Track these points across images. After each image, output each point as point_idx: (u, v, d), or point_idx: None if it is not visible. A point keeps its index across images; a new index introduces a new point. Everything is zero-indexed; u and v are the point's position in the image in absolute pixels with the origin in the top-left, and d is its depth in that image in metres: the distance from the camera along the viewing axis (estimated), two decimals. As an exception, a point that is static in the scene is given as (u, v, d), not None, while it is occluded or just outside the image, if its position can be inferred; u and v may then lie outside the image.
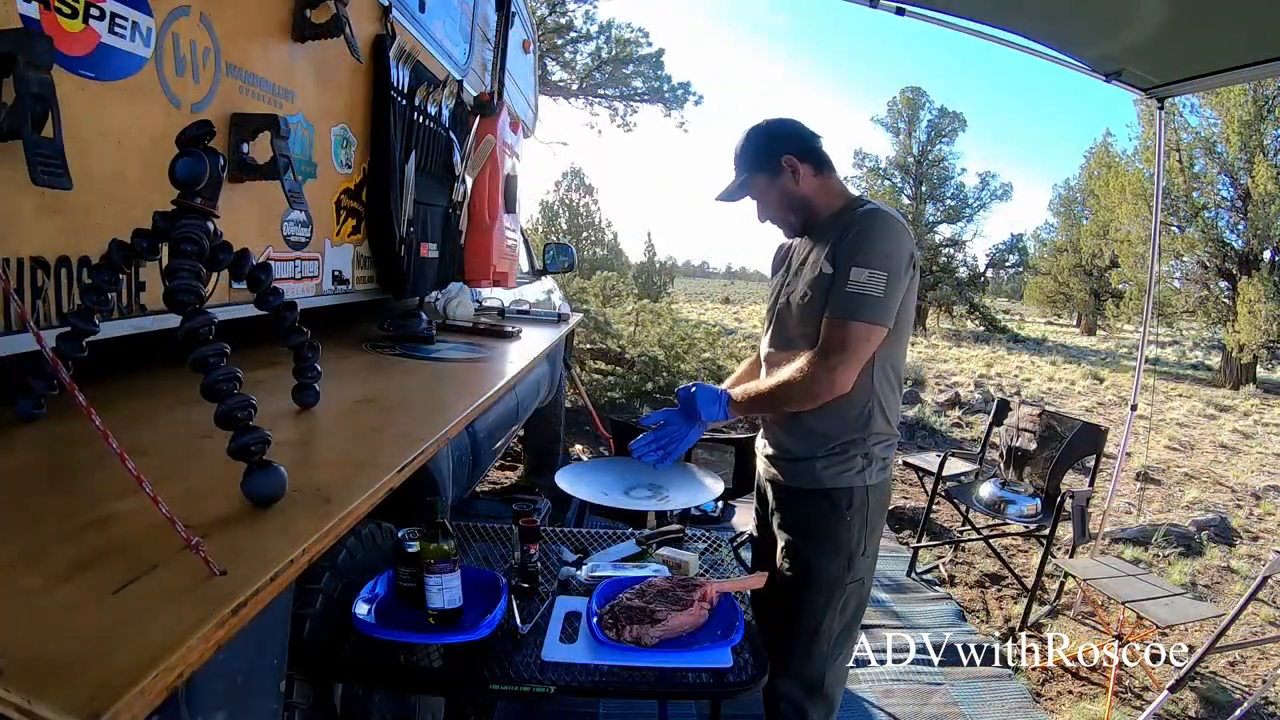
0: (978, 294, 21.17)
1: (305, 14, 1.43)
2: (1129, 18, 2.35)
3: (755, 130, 1.49)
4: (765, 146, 1.46)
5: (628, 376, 6.67)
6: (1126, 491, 4.85)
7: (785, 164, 1.44)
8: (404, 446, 1.00)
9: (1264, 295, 10.77)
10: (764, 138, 1.47)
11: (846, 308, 1.32)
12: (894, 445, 1.49)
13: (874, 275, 1.31)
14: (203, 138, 0.78)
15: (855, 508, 1.43)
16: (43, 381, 0.92)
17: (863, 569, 1.47)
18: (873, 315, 1.32)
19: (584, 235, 18.78)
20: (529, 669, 1.14)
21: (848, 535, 1.44)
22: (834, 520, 1.43)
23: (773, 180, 1.46)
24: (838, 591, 1.44)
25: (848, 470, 1.43)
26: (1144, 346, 3.43)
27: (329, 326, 1.98)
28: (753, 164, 1.47)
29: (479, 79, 2.73)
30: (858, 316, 1.32)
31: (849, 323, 1.33)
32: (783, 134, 1.47)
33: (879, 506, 1.49)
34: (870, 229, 1.34)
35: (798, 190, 1.45)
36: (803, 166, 1.44)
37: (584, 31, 11.84)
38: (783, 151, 1.44)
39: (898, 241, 1.34)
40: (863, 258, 1.32)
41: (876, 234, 1.34)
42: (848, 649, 1.52)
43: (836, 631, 1.47)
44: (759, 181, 1.47)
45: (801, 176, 1.45)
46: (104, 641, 0.51)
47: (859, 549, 1.45)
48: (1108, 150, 18.14)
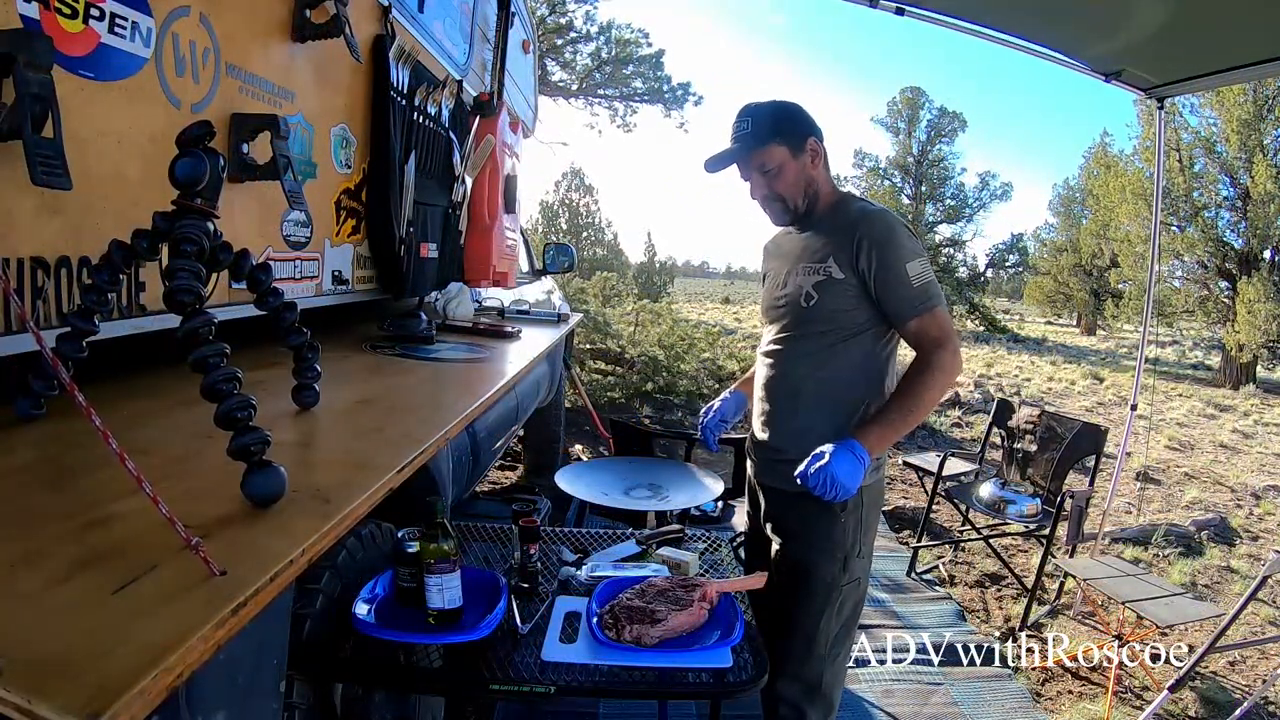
0: (978, 294, 21.20)
1: (305, 14, 1.43)
2: (1129, 18, 2.35)
3: (780, 104, 1.45)
4: (793, 121, 1.43)
5: (628, 376, 6.67)
6: (1126, 491, 4.85)
7: (810, 145, 1.43)
8: (404, 446, 1.00)
9: (1264, 295, 10.77)
10: (791, 113, 1.44)
11: (925, 301, 1.36)
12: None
13: (923, 264, 1.36)
14: (203, 138, 0.78)
15: (850, 508, 1.42)
16: (43, 381, 0.92)
17: (859, 569, 1.47)
18: (941, 299, 1.38)
19: (584, 235, 18.79)
20: (529, 669, 1.14)
21: (842, 536, 1.43)
22: (828, 521, 1.42)
23: (795, 157, 1.43)
24: (834, 593, 1.44)
25: None
26: (1144, 346, 3.43)
27: (329, 327, 1.98)
28: (777, 134, 1.41)
29: (479, 79, 2.73)
30: (940, 302, 1.37)
31: (936, 310, 1.37)
32: (807, 117, 1.46)
33: (874, 506, 1.48)
34: (894, 227, 1.38)
35: (814, 174, 1.45)
36: (823, 152, 1.46)
37: (584, 32, 11.85)
38: (808, 132, 1.43)
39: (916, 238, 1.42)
40: (907, 254, 1.36)
41: (900, 231, 1.38)
42: (846, 649, 1.51)
43: (834, 632, 1.46)
44: (779, 154, 1.42)
45: (819, 162, 1.45)
46: (104, 641, 0.51)
47: (854, 550, 1.44)
48: (1107, 150, 18.16)
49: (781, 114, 1.43)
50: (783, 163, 1.42)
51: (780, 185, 1.44)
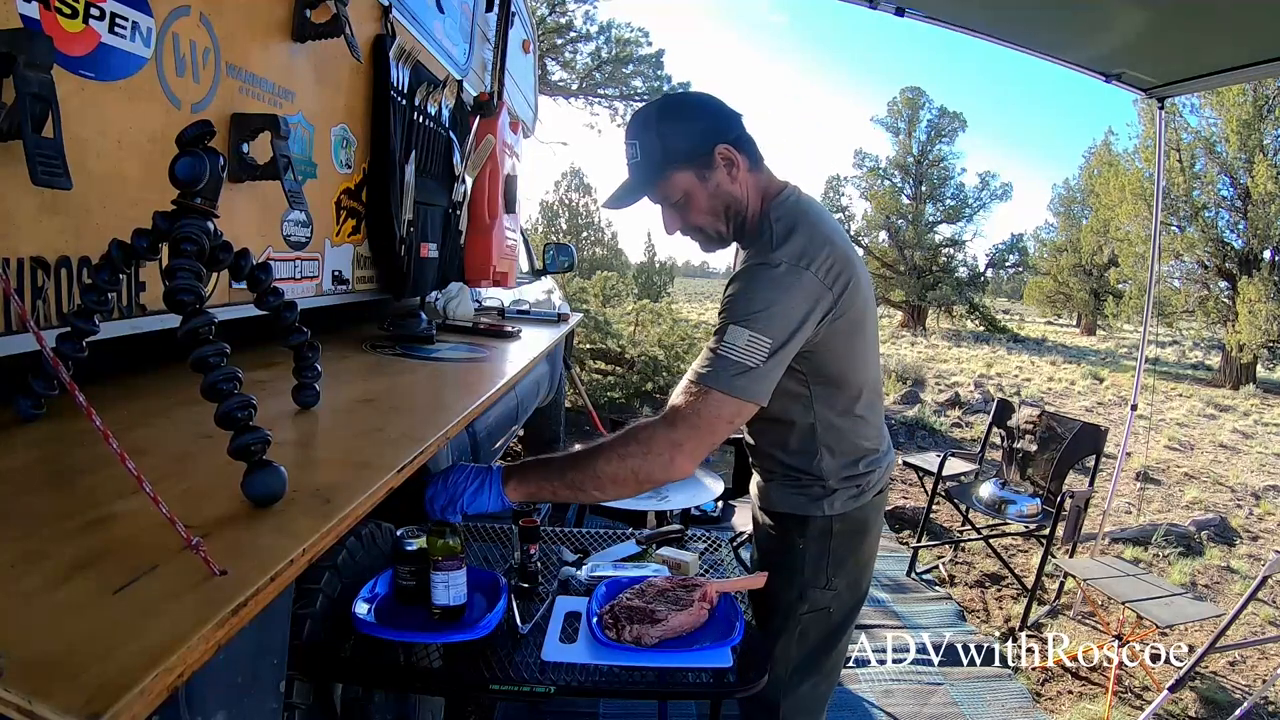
0: (978, 294, 21.19)
1: (305, 14, 1.43)
2: (1129, 19, 2.35)
3: (667, 111, 1.13)
4: (689, 133, 1.11)
5: (628, 376, 6.68)
6: (1126, 491, 4.85)
7: (720, 156, 1.12)
8: (404, 446, 1.00)
9: (1264, 295, 10.77)
10: (684, 123, 1.12)
11: (712, 371, 1.05)
12: (870, 473, 1.30)
13: (754, 340, 1.03)
14: (203, 138, 0.78)
15: (811, 536, 1.28)
16: (43, 381, 0.92)
17: (824, 600, 1.30)
18: (742, 390, 1.04)
19: (584, 235, 18.79)
20: (529, 669, 1.13)
21: (800, 564, 1.30)
22: (784, 546, 1.32)
23: (703, 177, 1.13)
24: (790, 620, 1.32)
25: (802, 497, 1.29)
26: (1144, 346, 3.43)
27: (329, 326, 1.98)
28: (671, 158, 1.11)
29: (479, 79, 2.73)
30: (721, 387, 1.04)
31: (712, 392, 1.04)
32: (716, 116, 1.14)
33: (849, 535, 1.29)
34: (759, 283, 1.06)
35: (733, 189, 1.15)
36: (740, 157, 1.14)
37: (584, 31, 11.85)
38: (715, 140, 1.11)
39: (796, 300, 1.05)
40: (747, 312, 1.05)
41: (766, 289, 1.05)
42: (814, 680, 1.36)
43: (794, 659, 1.34)
44: (682, 180, 1.13)
45: (739, 171, 1.14)
46: (104, 641, 0.51)
47: (816, 580, 1.29)
48: (1108, 150, 18.13)
49: (672, 129, 1.11)
50: (688, 189, 1.14)
51: (693, 216, 1.17)
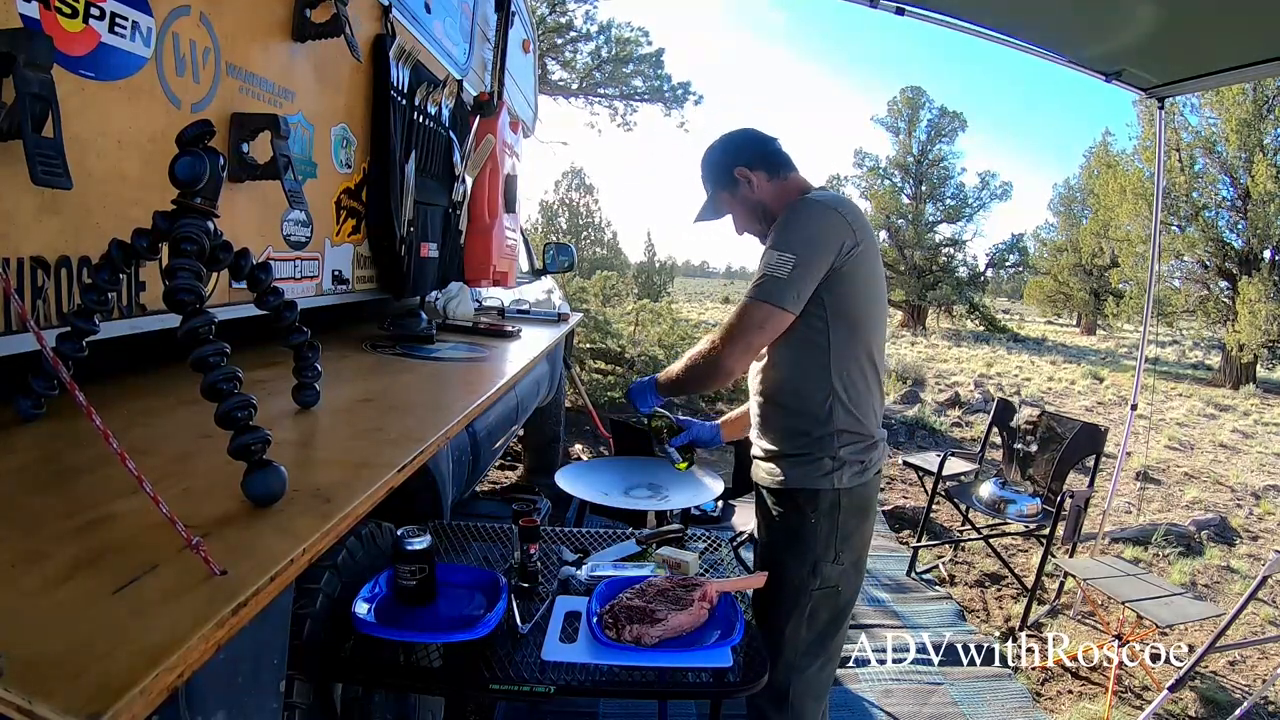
0: (978, 294, 21.19)
1: (305, 14, 1.43)
2: (1129, 18, 2.35)
3: (710, 149, 1.53)
4: (719, 163, 1.50)
5: (628, 376, 6.67)
6: (1126, 491, 4.85)
7: (738, 175, 1.47)
8: (404, 446, 1.00)
9: (1264, 295, 10.77)
10: (718, 154, 1.51)
11: (753, 289, 1.33)
12: (874, 447, 1.43)
13: (782, 257, 1.30)
14: (203, 137, 0.78)
15: (823, 510, 1.38)
16: (43, 381, 0.92)
17: (834, 576, 1.41)
18: (769, 295, 1.30)
19: (584, 235, 18.78)
20: (529, 669, 1.14)
21: (811, 538, 1.39)
22: (797, 521, 1.40)
23: (733, 194, 1.49)
24: (803, 596, 1.40)
25: (813, 471, 1.38)
26: (1144, 346, 3.43)
27: (329, 326, 1.98)
28: (714, 183, 1.52)
29: (479, 79, 2.73)
30: (754, 296, 1.32)
31: (746, 303, 1.34)
32: (734, 146, 1.50)
33: (855, 511, 1.41)
34: (789, 216, 1.35)
35: (755, 197, 1.47)
36: (755, 175, 1.46)
37: (584, 31, 11.83)
38: (733, 165, 1.47)
39: (817, 226, 1.32)
40: (777, 240, 1.33)
41: (792, 220, 1.34)
42: (821, 661, 1.44)
43: (805, 641, 1.41)
44: (723, 198, 1.52)
45: (756, 184, 1.47)
46: (104, 641, 0.51)
47: (827, 555, 1.39)
48: (1108, 150, 18.15)
49: (710, 162, 1.52)
50: (729, 204, 1.51)
51: (741, 223, 1.53)
